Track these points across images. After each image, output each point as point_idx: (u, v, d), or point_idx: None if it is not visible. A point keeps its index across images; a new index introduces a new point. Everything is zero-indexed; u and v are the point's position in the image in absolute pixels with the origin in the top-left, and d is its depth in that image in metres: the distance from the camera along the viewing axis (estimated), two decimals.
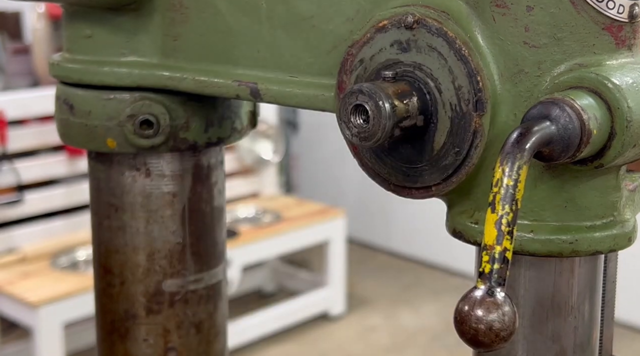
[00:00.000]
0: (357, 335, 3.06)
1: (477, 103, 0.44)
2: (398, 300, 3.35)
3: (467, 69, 0.44)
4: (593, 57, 0.43)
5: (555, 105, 0.40)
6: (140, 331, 0.65)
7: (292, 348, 2.94)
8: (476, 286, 0.36)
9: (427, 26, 0.45)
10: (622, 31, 0.44)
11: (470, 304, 0.36)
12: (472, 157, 0.45)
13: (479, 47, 0.44)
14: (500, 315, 0.35)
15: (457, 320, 0.36)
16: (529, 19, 0.43)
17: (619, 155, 0.42)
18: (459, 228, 0.47)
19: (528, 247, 0.45)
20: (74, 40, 0.62)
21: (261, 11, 0.54)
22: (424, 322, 3.14)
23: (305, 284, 3.27)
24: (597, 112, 0.41)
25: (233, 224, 2.86)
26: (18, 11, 3.05)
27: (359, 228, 3.83)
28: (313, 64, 0.52)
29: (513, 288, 0.47)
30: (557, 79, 0.43)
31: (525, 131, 0.39)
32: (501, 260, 0.36)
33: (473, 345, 0.36)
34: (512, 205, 0.37)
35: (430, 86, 0.45)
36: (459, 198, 0.47)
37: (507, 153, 0.38)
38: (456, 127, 0.45)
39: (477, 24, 0.44)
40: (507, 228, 0.36)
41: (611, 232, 0.45)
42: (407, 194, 0.48)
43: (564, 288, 0.47)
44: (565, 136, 0.40)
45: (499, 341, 0.36)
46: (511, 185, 0.37)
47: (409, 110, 0.44)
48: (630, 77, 0.42)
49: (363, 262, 3.70)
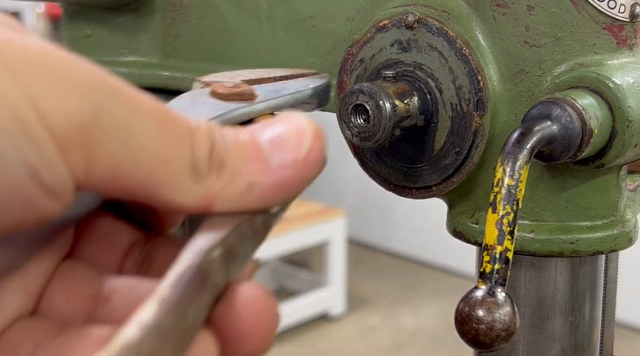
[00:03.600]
0: (357, 335, 3.06)
1: (478, 103, 0.44)
2: (398, 300, 3.35)
3: (467, 68, 0.44)
4: (594, 56, 0.43)
5: (556, 104, 0.40)
6: None
7: (292, 349, 2.94)
8: (477, 287, 0.36)
9: (428, 26, 0.45)
10: (623, 31, 0.44)
11: (471, 304, 0.36)
12: (472, 157, 0.45)
13: (480, 46, 0.44)
14: (501, 315, 0.35)
15: (458, 320, 0.36)
16: (529, 18, 0.43)
17: (620, 154, 0.42)
18: (459, 228, 0.47)
19: (528, 246, 0.45)
20: (74, 40, 0.62)
21: (261, 11, 0.54)
22: (424, 322, 3.14)
23: (306, 284, 3.27)
24: (598, 111, 0.41)
25: None
26: (18, 11, 3.05)
27: (359, 228, 3.83)
28: (313, 63, 0.52)
29: (513, 288, 0.47)
30: (558, 79, 0.43)
31: (526, 131, 0.39)
32: (502, 260, 0.36)
33: (474, 346, 0.36)
34: (513, 205, 0.37)
35: (431, 86, 0.45)
36: (460, 198, 0.47)
37: (508, 153, 0.38)
38: (457, 127, 0.45)
39: (478, 24, 0.44)
40: (508, 228, 0.36)
41: (612, 232, 0.45)
42: (408, 194, 0.48)
43: (565, 288, 0.47)
44: (566, 136, 0.40)
45: (500, 341, 0.36)
46: (512, 185, 0.37)
47: (409, 110, 0.44)
48: (631, 76, 0.42)
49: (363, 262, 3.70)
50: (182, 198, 0.27)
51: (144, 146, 0.26)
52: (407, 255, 3.73)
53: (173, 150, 0.27)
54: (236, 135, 0.29)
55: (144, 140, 0.26)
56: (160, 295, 0.24)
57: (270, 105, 0.39)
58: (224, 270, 0.26)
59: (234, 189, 0.28)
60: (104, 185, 0.26)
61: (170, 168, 0.26)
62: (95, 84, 0.26)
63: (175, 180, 0.27)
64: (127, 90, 0.26)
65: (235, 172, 0.28)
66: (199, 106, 0.36)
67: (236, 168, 0.28)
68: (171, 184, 0.27)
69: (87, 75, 0.26)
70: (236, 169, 0.28)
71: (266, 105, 0.38)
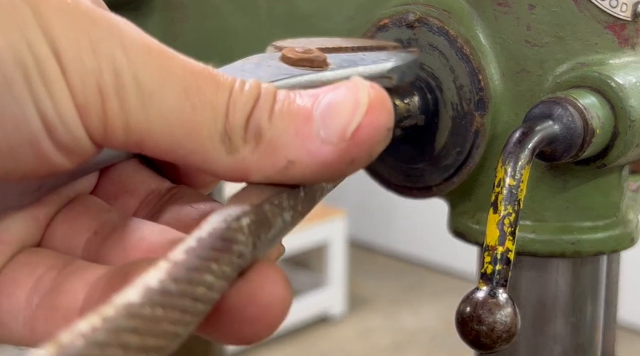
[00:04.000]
0: (358, 336, 3.06)
1: (479, 102, 0.44)
2: (399, 300, 3.35)
3: (468, 68, 0.44)
4: (595, 56, 0.43)
5: (558, 104, 0.40)
6: None
7: (292, 349, 2.94)
8: (478, 288, 0.36)
9: (429, 25, 0.45)
10: (625, 30, 0.43)
11: (472, 305, 0.35)
12: (473, 157, 0.45)
13: (481, 46, 0.44)
14: (502, 317, 0.35)
15: (459, 321, 0.36)
16: (530, 17, 0.43)
17: (622, 154, 0.42)
18: (460, 229, 0.47)
19: (530, 247, 0.45)
20: None
21: (261, 10, 0.54)
22: (425, 323, 3.14)
23: (305, 285, 3.26)
24: (599, 111, 0.41)
25: None
26: None
27: (359, 228, 3.83)
28: None
29: (514, 289, 0.47)
30: (560, 78, 0.43)
31: (527, 130, 0.38)
32: (503, 260, 0.36)
33: (475, 347, 0.36)
34: (514, 205, 0.37)
35: (432, 85, 0.45)
36: (461, 198, 0.47)
37: (509, 153, 0.37)
38: (457, 127, 0.44)
39: (479, 23, 0.44)
40: (510, 228, 0.36)
41: (613, 233, 0.45)
42: (408, 194, 0.48)
43: (566, 289, 0.47)
44: (567, 135, 0.40)
45: (501, 342, 0.35)
46: (514, 185, 0.37)
47: (409, 109, 0.44)
48: (633, 76, 0.42)
49: (363, 263, 3.70)
50: (215, 167, 0.25)
51: (166, 113, 0.24)
52: (408, 255, 3.72)
53: (201, 118, 0.25)
54: (288, 100, 0.25)
55: (166, 106, 0.24)
56: (172, 259, 0.22)
57: (340, 75, 0.35)
58: (253, 241, 0.24)
59: (271, 165, 0.25)
60: (128, 148, 0.25)
61: (197, 137, 0.25)
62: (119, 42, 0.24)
63: (204, 149, 0.25)
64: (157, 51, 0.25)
65: (273, 145, 0.25)
66: (262, 69, 0.34)
67: (274, 142, 0.25)
68: (201, 152, 0.25)
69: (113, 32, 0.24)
70: (274, 142, 0.25)
71: (334, 74, 0.35)
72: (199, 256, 0.22)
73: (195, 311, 0.22)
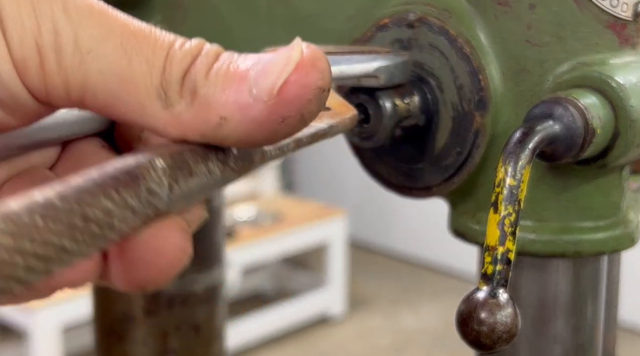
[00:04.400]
0: (358, 336, 3.06)
1: (479, 102, 0.44)
2: (399, 301, 3.35)
3: (468, 67, 0.44)
4: (596, 55, 0.43)
5: (558, 104, 0.40)
6: (138, 333, 0.65)
7: (292, 350, 2.94)
8: (478, 288, 0.36)
9: (429, 25, 0.44)
10: (625, 29, 0.43)
11: (472, 306, 0.35)
12: (474, 157, 0.44)
13: (481, 45, 0.44)
14: (503, 317, 0.35)
15: (459, 321, 0.36)
16: (531, 17, 0.43)
17: (623, 154, 0.42)
18: (461, 229, 0.47)
19: (530, 247, 0.45)
20: None
21: (261, 10, 0.54)
22: (425, 323, 3.14)
23: (305, 285, 3.26)
24: (600, 111, 0.41)
25: (232, 225, 2.85)
26: None
27: (359, 228, 3.83)
28: None
29: (515, 289, 0.47)
30: (560, 78, 0.43)
31: (528, 130, 0.38)
32: (504, 261, 0.36)
33: (475, 347, 0.36)
34: (514, 206, 0.36)
35: (432, 85, 0.45)
36: (461, 198, 0.47)
37: (510, 153, 0.37)
38: (458, 127, 0.44)
39: (479, 23, 0.44)
40: (510, 228, 0.36)
41: (614, 233, 0.45)
42: (408, 194, 0.48)
43: (567, 290, 0.47)
44: (568, 135, 0.40)
45: (502, 343, 0.35)
46: (514, 185, 0.37)
47: (410, 109, 0.44)
48: (634, 76, 0.42)
49: (363, 263, 3.70)
50: (153, 122, 0.26)
51: (103, 68, 0.25)
52: (408, 255, 3.72)
53: (137, 72, 0.25)
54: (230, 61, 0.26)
55: (104, 62, 0.25)
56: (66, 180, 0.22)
57: None
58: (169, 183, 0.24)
59: (205, 121, 0.26)
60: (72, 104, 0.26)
61: (134, 91, 0.25)
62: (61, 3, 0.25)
63: (142, 104, 0.26)
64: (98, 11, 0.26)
65: (207, 101, 0.25)
66: None
67: (208, 98, 0.25)
68: (139, 107, 0.26)
69: None
70: (208, 99, 0.25)
71: None
72: (95, 181, 0.23)
73: (89, 232, 0.22)
